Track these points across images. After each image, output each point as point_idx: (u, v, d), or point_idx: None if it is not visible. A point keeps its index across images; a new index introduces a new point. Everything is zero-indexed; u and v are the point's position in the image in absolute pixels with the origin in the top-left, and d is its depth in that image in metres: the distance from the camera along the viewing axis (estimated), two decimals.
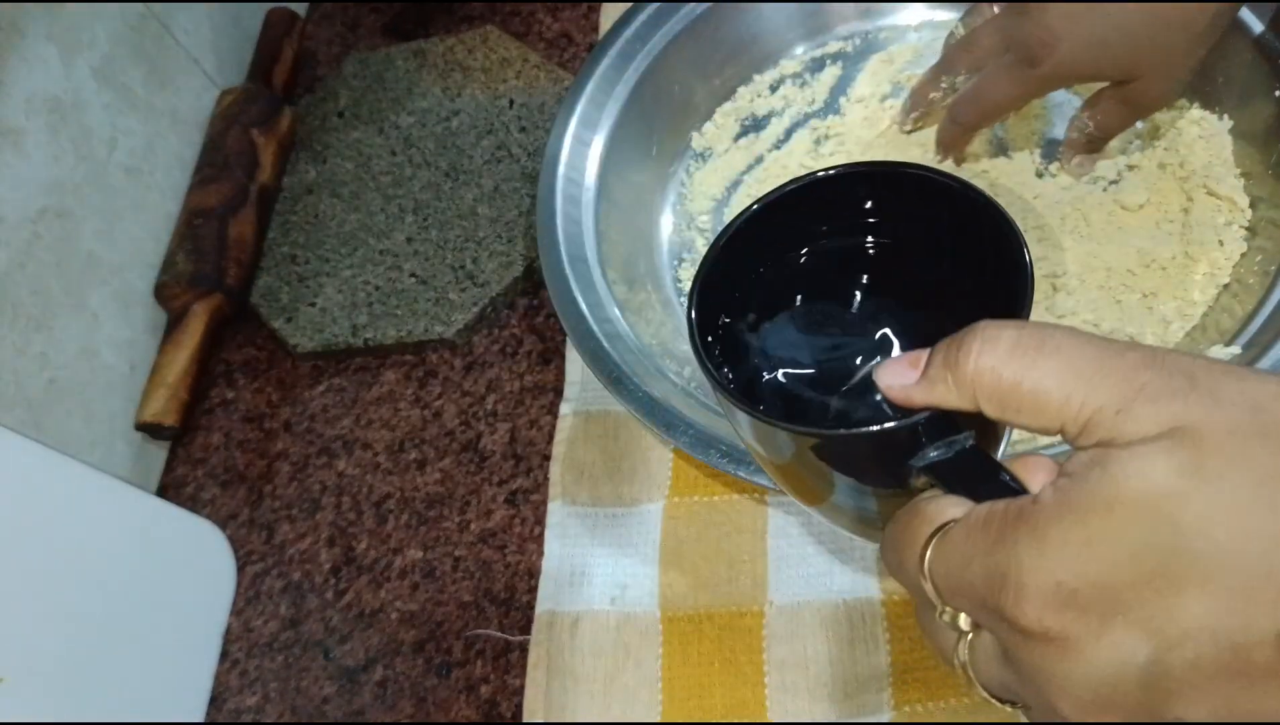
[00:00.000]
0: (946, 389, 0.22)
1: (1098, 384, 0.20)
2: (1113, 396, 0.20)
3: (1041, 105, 0.48)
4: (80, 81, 0.52)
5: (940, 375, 0.22)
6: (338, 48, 0.66)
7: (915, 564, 0.22)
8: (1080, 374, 0.20)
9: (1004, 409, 0.21)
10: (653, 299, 0.48)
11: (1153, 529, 0.18)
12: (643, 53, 0.50)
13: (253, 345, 0.56)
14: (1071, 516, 0.19)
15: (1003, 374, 0.21)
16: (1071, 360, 0.20)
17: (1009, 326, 0.21)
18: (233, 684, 0.46)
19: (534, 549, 0.45)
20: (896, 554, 0.23)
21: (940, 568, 0.22)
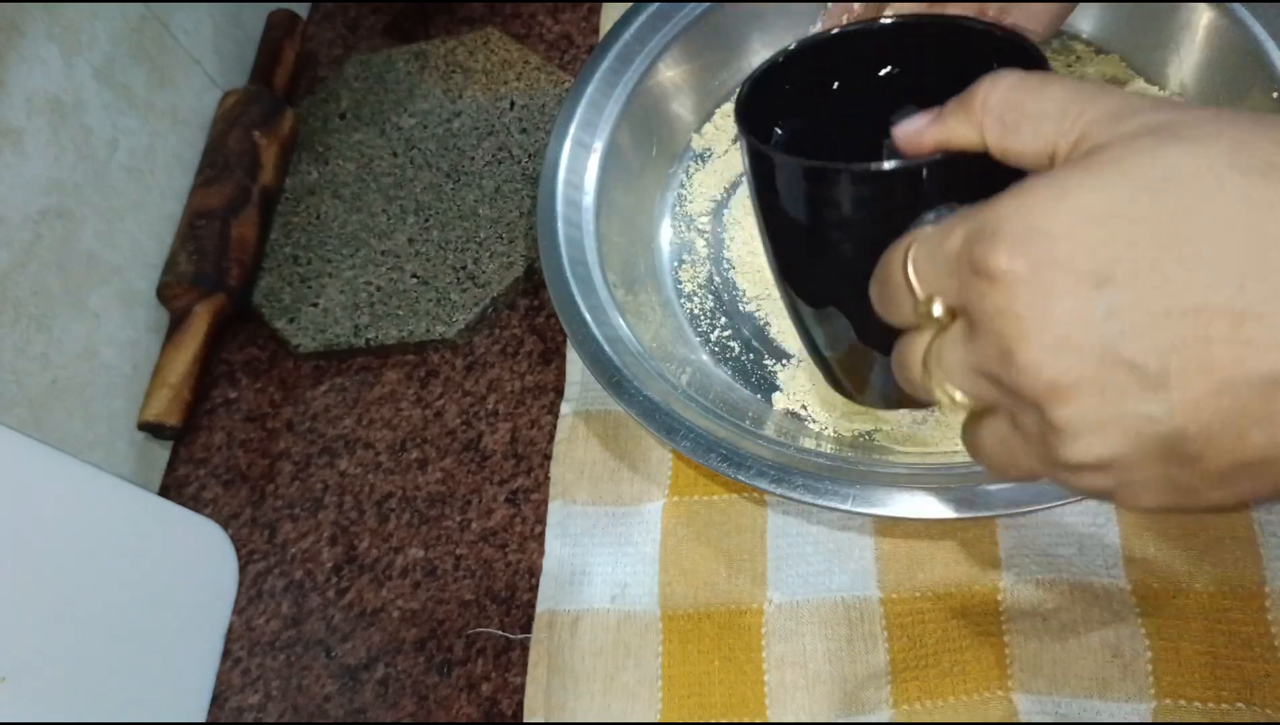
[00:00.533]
0: (955, 121, 0.24)
1: (1095, 101, 0.21)
2: (1108, 110, 0.21)
3: None
4: (81, 82, 0.52)
5: (951, 110, 0.24)
6: (339, 49, 0.66)
7: (899, 265, 0.23)
8: (1079, 95, 0.22)
9: (1005, 131, 0.23)
10: (653, 301, 0.48)
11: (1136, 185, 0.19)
12: (642, 54, 0.50)
13: (255, 345, 0.56)
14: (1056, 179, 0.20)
15: (1008, 96, 0.23)
16: (1071, 87, 0.22)
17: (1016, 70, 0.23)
18: (235, 682, 0.46)
19: (534, 548, 0.45)
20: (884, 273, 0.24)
21: (923, 251, 0.22)
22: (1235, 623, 0.36)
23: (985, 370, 0.21)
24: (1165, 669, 0.35)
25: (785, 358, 0.46)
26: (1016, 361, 0.20)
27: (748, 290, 0.48)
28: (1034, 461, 0.22)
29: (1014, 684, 0.36)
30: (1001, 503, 0.35)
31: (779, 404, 0.44)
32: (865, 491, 0.36)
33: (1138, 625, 0.36)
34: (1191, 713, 0.35)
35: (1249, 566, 0.36)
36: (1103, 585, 0.37)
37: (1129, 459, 0.20)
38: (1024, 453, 0.22)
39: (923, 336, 0.23)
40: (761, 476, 0.37)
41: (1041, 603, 0.37)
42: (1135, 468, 0.20)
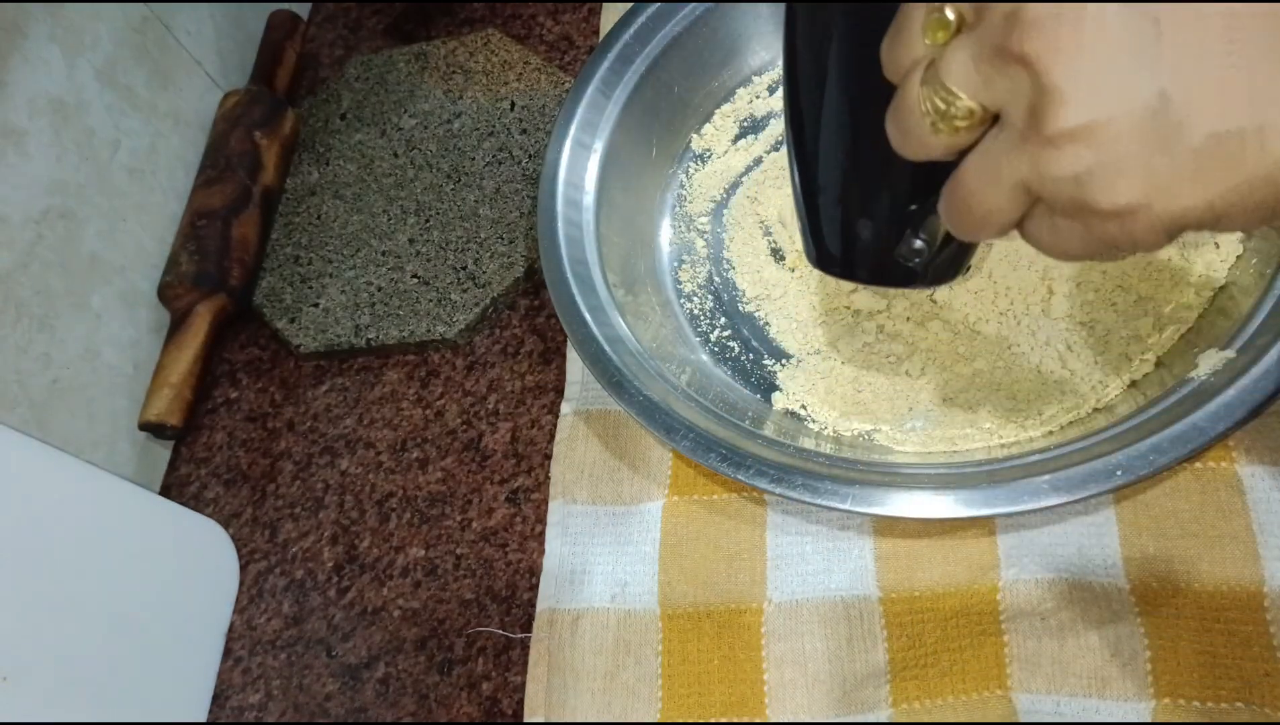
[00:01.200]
0: None
1: None
2: None
3: None
4: (83, 83, 0.52)
5: None
6: (340, 50, 0.66)
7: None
8: None
9: None
10: (653, 301, 0.48)
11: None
12: (642, 55, 0.51)
13: (256, 345, 0.56)
14: None
15: None
16: None
17: None
18: (235, 682, 0.46)
19: (535, 547, 0.45)
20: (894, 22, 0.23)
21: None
22: (1234, 622, 0.36)
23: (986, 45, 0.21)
24: (1164, 668, 0.35)
25: (785, 358, 0.46)
26: (1021, 19, 0.20)
27: (747, 290, 0.48)
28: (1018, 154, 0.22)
29: (1013, 683, 0.36)
30: (1001, 503, 0.35)
31: (778, 404, 0.44)
32: (864, 491, 0.36)
33: (1137, 625, 0.36)
34: (1190, 712, 0.35)
35: (1248, 566, 0.36)
36: (1102, 585, 0.37)
37: (1115, 127, 0.21)
38: (1009, 150, 0.22)
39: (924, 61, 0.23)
40: (761, 476, 0.37)
41: (1040, 602, 0.37)
42: (1118, 140, 0.21)
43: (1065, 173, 0.22)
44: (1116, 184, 0.21)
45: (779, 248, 0.49)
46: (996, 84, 0.22)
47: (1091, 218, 0.22)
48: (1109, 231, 0.23)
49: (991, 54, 0.21)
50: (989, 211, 0.24)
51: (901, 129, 0.24)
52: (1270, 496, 0.37)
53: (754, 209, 0.50)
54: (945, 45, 0.23)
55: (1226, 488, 0.38)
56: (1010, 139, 0.22)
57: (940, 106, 0.23)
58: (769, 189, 0.50)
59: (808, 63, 0.30)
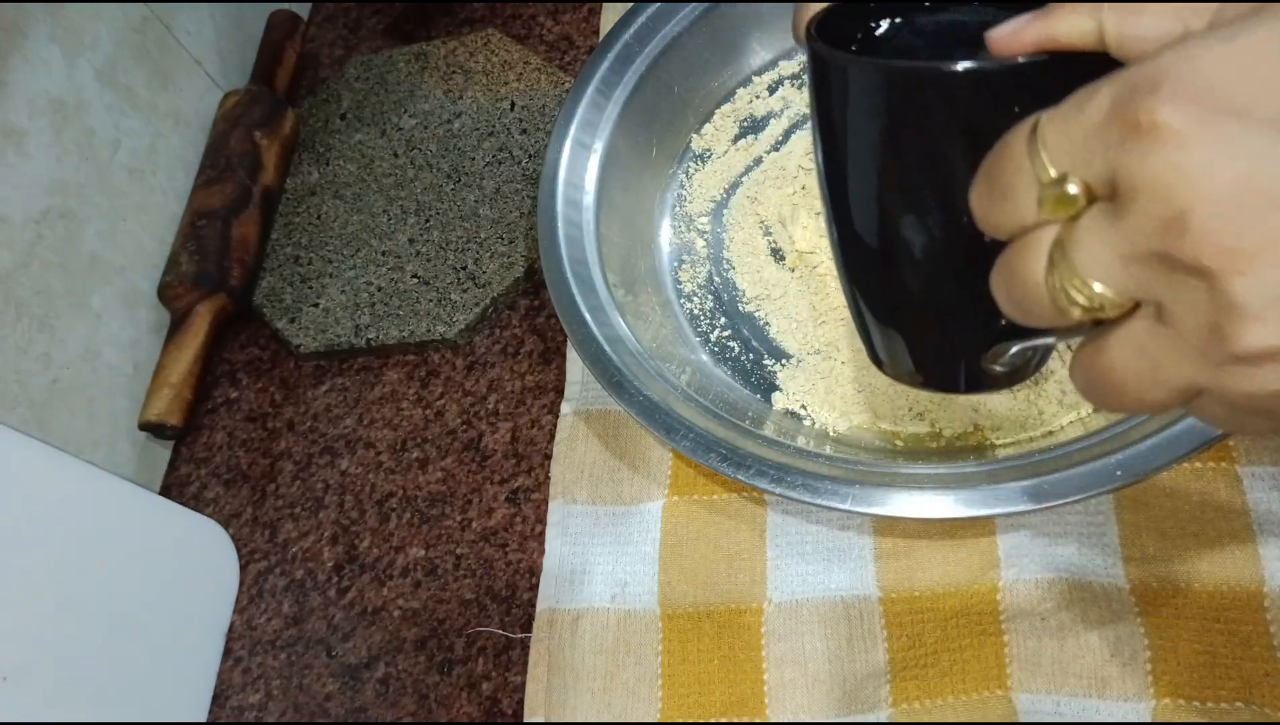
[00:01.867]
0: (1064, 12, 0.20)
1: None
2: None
3: None
4: (83, 82, 0.52)
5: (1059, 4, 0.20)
6: (340, 50, 0.66)
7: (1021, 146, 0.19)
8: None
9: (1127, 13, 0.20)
10: (653, 301, 0.48)
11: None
12: (642, 55, 0.51)
13: (256, 345, 0.56)
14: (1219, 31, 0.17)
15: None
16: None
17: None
18: (235, 681, 0.46)
19: (535, 547, 0.45)
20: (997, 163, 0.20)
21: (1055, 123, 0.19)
22: (1234, 622, 0.36)
23: (1142, 246, 0.18)
24: (1164, 668, 0.35)
25: (785, 358, 0.46)
26: (1190, 225, 0.17)
27: (747, 290, 0.48)
28: (1191, 362, 0.19)
29: (1013, 683, 0.36)
30: (1001, 503, 0.35)
31: (778, 404, 0.44)
32: (864, 491, 0.36)
33: (1137, 625, 0.36)
34: (1190, 712, 0.35)
35: (1248, 566, 0.36)
36: (1102, 585, 0.37)
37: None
38: (1176, 355, 0.19)
39: (1045, 234, 0.20)
40: (761, 476, 0.37)
41: (1040, 602, 0.37)
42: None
43: (1261, 392, 0.18)
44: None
45: (779, 248, 0.49)
46: (1157, 287, 0.19)
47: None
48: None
49: (1149, 256, 0.18)
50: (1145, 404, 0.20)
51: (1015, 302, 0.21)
52: (1270, 496, 0.37)
53: (754, 209, 0.50)
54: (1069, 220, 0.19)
55: (1226, 488, 0.38)
56: (1177, 342, 0.19)
57: (1076, 298, 0.19)
58: (769, 189, 0.50)
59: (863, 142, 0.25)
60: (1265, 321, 0.17)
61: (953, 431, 0.41)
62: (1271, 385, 0.18)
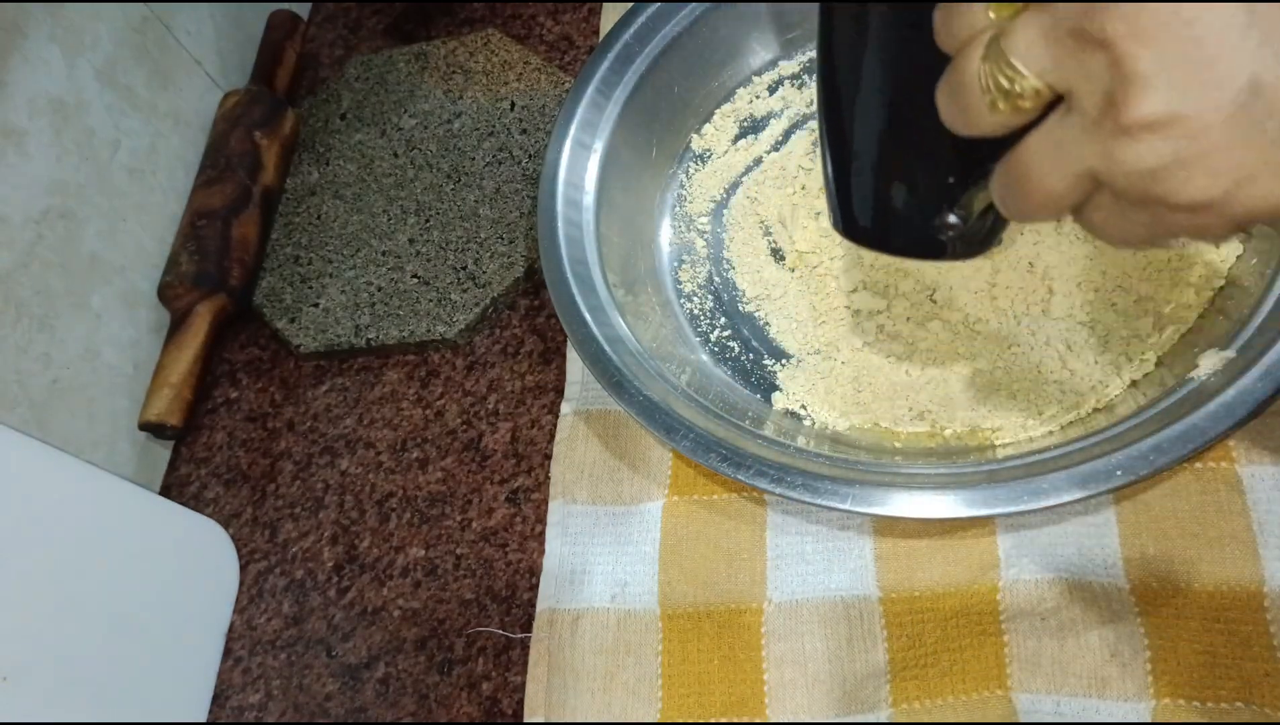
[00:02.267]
0: None
1: None
2: None
3: None
4: (83, 83, 0.52)
5: None
6: (340, 50, 0.66)
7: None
8: None
9: None
10: (653, 301, 0.48)
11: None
12: (642, 55, 0.51)
13: (256, 345, 0.56)
14: None
15: None
16: None
17: None
18: (235, 681, 0.46)
19: (535, 547, 0.45)
20: None
21: None
22: (1234, 623, 0.36)
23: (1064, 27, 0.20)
24: (1164, 668, 0.35)
25: (785, 358, 0.46)
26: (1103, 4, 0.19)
27: (747, 290, 0.48)
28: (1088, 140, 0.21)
29: (1013, 683, 0.36)
30: (1001, 502, 0.35)
31: (778, 404, 0.44)
32: (864, 491, 0.36)
33: (1137, 625, 0.36)
34: (1190, 712, 0.35)
35: (1248, 566, 0.36)
36: (1102, 585, 0.37)
37: (1201, 120, 0.19)
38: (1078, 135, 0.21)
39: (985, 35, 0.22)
40: (761, 476, 0.37)
41: (1040, 602, 0.37)
42: (1203, 134, 0.19)
43: (1142, 165, 0.20)
44: (1196, 178, 0.20)
45: (779, 248, 0.49)
46: (1069, 66, 0.21)
47: (1163, 209, 0.21)
48: (1178, 222, 0.22)
49: (1066, 34, 0.20)
50: (1049, 196, 0.23)
51: (956, 104, 0.23)
52: (1270, 496, 0.37)
53: (754, 209, 0.50)
54: (1011, 19, 0.21)
55: (1226, 488, 0.38)
56: (1080, 124, 0.21)
57: (1003, 84, 0.22)
58: (769, 189, 0.50)
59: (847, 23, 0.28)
60: (1154, 92, 0.19)
61: (953, 431, 0.41)
62: (1153, 160, 0.20)
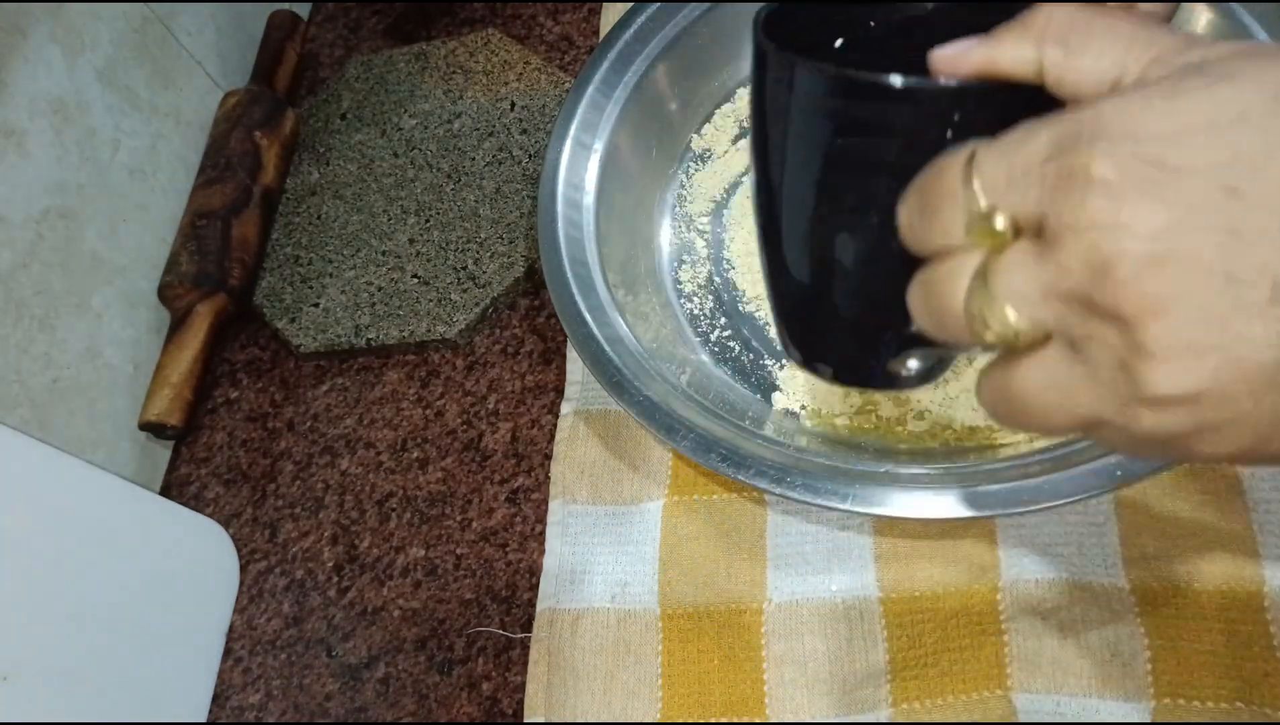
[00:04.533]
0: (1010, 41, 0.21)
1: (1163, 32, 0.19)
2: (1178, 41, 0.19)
3: None
4: (83, 83, 0.52)
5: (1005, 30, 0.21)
6: (340, 50, 0.66)
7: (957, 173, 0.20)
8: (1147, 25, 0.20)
9: (1068, 52, 0.20)
10: (653, 301, 0.48)
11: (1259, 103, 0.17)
12: (643, 55, 0.51)
13: (256, 345, 0.56)
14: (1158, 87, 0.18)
15: (1074, 16, 0.20)
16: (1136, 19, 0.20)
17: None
18: (236, 681, 0.46)
19: (535, 547, 0.45)
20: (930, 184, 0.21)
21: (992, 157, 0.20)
22: (1235, 622, 0.36)
23: (1064, 286, 0.19)
24: (1164, 668, 0.35)
25: (785, 358, 0.46)
26: (1112, 273, 0.18)
27: (748, 290, 0.48)
28: (1100, 397, 0.19)
29: (1013, 683, 0.36)
30: (1001, 503, 0.35)
31: (779, 404, 0.44)
32: (865, 491, 0.36)
33: (1137, 625, 0.36)
34: (1191, 712, 0.35)
35: (1248, 566, 0.36)
36: (1102, 585, 0.37)
37: (1220, 391, 0.18)
38: (1086, 388, 0.20)
39: (968, 259, 0.20)
40: (761, 476, 0.37)
41: (1041, 602, 0.37)
42: (1223, 403, 0.18)
43: (1161, 432, 0.19)
44: (1219, 440, 0.19)
45: None
46: (1073, 324, 0.19)
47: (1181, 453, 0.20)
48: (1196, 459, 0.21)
49: (1069, 296, 0.19)
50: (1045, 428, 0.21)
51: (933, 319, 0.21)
52: (1270, 496, 0.37)
53: None
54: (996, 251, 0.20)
55: (1226, 488, 0.38)
56: (1089, 377, 0.19)
57: (992, 325, 0.20)
58: None
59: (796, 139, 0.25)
60: (1173, 368, 0.18)
61: (953, 431, 0.41)
62: (1173, 427, 0.19)
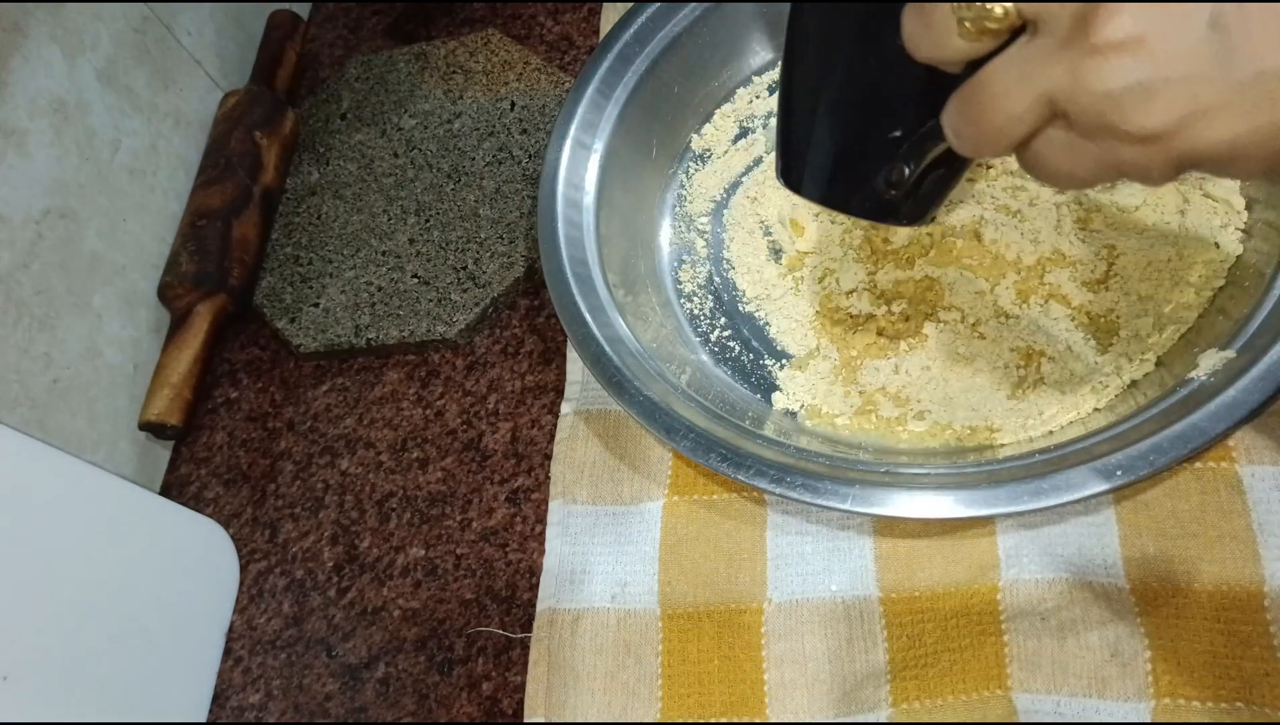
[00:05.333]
0: None
1: None
2: None
3: None
4: (83, 83, 0.52)
5: None
6: (340, 50, 0.66)
7: None
8: None
9: None
10: (653, 301, 0.48)
11: None
12: (642, 55, 0.51)
13: (256, 345, 0.56)
14: None
15: None
16: None
17: None
18: (236, 681, 0.46)
19: (535, 547, 0.45)
20: None
21: None
22: (1234, 622, 0.36)
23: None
24: (1164, 668, 0.35)
25: (785, 358, 0.46)
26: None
27: (748, 290, 0.48)
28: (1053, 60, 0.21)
29: (1013, 683, 0.36)
30: (1001, 502, 0.35)
31: (778, 404, 0.44)
32: (864, 491, 0.36)
33: (1137, 625, 0.36)
34: (1190, 712, 0.35)
35: (1248, 566, 0.36)
36: (1102, 585, 0.37)
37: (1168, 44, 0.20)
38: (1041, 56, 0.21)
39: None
40: (761, 476, 0.37)
41: (1040, 602, 0.37)
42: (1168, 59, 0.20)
43: (1105, 86, 0.21)
44: (1154, 105, 0.21)
45: (779, 248, 0.49)
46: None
47: (1114, 139, 0.22)
48: (1126, 157, 0.22)
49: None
50: (1005, 119, 0.23)
51: (923, 23, 0.23)
52: (1270, 496, 0.37)
53: (754, 209, 0.50)
54: None
55: (1226, 488, 0.38)
56: (1047, 45, 0.22)
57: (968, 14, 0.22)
58: (769, 189, 0.50)
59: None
60: (1125, 12, 0.20)
61: (953, 431, 0.41)
62: (1118, 79, 0.21)
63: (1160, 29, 0.20)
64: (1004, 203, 0.45)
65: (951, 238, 0.45)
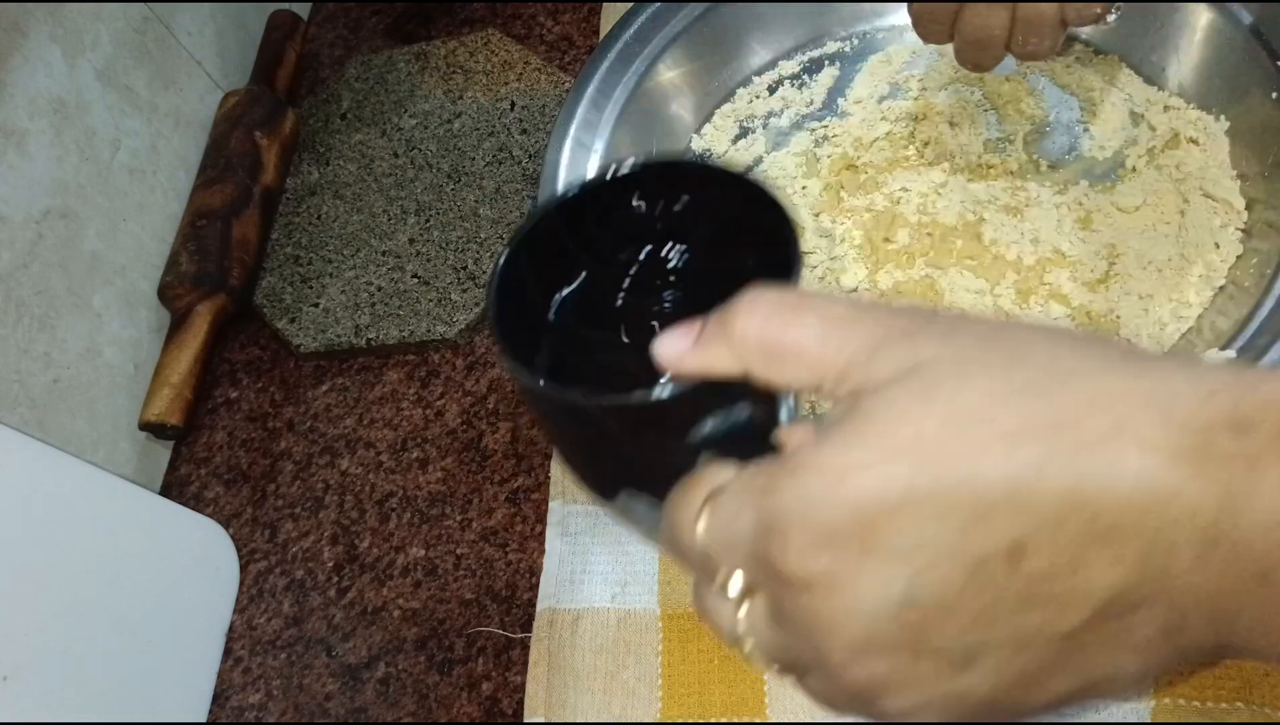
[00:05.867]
0: (718, 352, 0.23)
1: (849, 335, 0.21)
2: (861, 344, 0.21)
3: (1038, 105, 0.49)
4: (84, 83, 0.52)
5: (712, 338, 0.23)
6: (340, 50, 0.66)
7: (690, 529, 0.22)
8: (835, 324, 0.22)
9: (769, 364, 0.22)
10: None
11: (896, 457, 0.19)
12: (642, 55, 0.51)
13: (256, 345, 0.56)
14: (826, 456, 0.20)
15: (767, 330, 0.22)
16: (827, 315, 0.22)
17: (773, 290, 0.23)
18: (236, 681, 0.46)
19: (535, 547, 0.45)
20: (673, 525, 0.23)
21: (713, 528, 0.22)
22: None
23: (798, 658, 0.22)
24: None
25: None
26: (829, 662, 0.20)
27: None
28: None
29: None
30: None
31: None
32: None
33: None
34: (1190, 712, 0.35)
35: None
36: None
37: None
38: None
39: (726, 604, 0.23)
40: None
41: None
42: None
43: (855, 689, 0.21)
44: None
45: None
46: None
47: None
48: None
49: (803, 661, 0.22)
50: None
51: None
52: None
53: None
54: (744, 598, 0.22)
55: None
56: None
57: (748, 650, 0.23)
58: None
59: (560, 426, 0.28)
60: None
61: None
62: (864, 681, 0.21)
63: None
64: (1004, 203, 0.45)
65: (951, 238, 0.45)
